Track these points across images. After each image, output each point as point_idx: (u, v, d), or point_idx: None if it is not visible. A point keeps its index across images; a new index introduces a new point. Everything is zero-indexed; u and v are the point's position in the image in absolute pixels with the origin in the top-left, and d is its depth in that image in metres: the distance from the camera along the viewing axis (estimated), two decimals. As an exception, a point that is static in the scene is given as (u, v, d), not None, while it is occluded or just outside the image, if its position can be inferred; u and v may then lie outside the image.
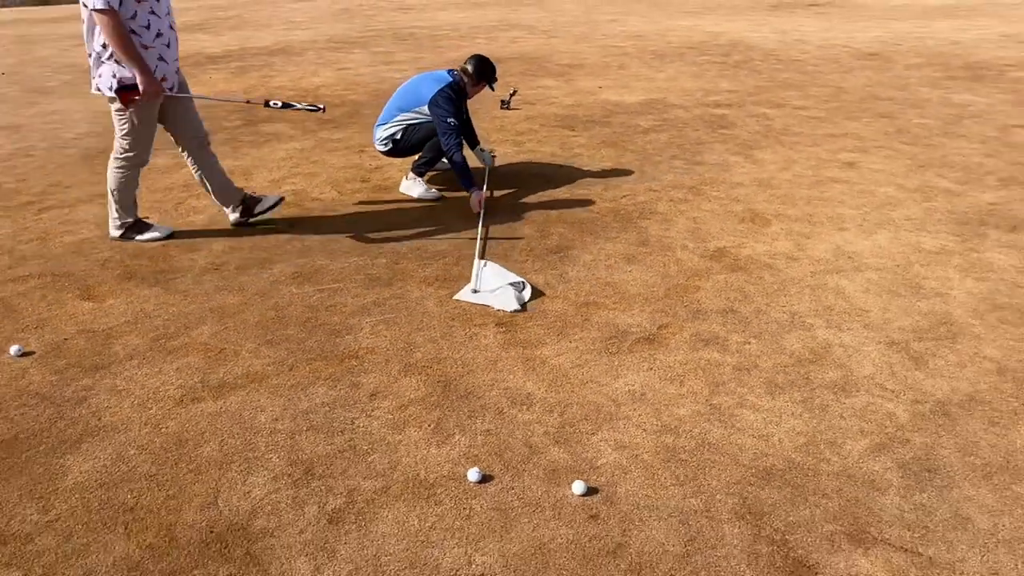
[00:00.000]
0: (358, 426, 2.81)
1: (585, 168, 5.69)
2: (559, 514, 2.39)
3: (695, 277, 3.94)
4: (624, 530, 2.33)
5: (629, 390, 3.01)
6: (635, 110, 7.44)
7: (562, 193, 5.17)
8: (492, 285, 3.77)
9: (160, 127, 4.20)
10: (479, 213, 4.59)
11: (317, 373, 3.13)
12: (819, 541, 2.28)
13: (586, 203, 4.98)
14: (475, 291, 3.74)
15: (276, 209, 4.63)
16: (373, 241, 4.39)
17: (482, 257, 3.97)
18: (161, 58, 3.93)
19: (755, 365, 3.18)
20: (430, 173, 5.26)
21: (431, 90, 4.80)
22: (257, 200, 4.57)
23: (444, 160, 4.93)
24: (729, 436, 2.75)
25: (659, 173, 5.55)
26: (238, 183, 5.40)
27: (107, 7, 3.61)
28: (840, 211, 4.80)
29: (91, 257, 4.22)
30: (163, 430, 2.78)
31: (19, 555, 2.23)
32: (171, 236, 4.43)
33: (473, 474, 2.53)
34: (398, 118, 4.94)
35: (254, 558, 2.22)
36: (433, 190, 5.11)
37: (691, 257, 4.16)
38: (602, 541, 2.29)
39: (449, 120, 4.66)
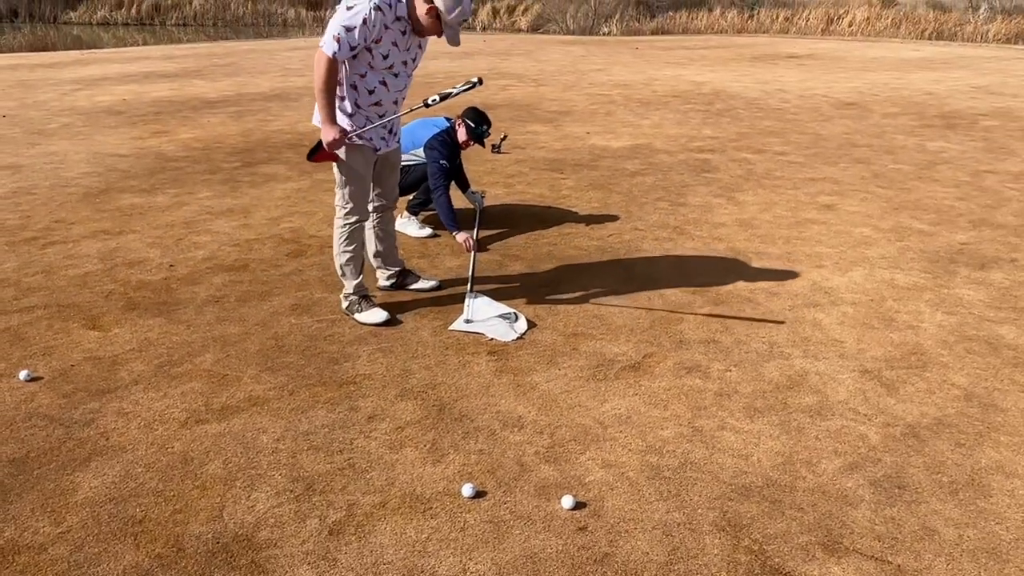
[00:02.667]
0: (357, 446, 2.93)
1: (573, 209, 5.90)
2: (549, 526, 2.51)
3: (678, 310, 4.11)
4: (611, 541, 2.45)
5: (615, 414, 3.16)
6: (622, 155, 7.71)
7: (551, 232, 5.36)
8: (484, 315, 3.93)
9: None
10: (470, 251, 4.72)
11: (317, 397, 3.26)
12: (794, 551, 2.41)
13: (574, 241, 5.17)
14: (468, 321, 3.90)
15: (428, 291, 4.37)
16: (368, 275, 4.54)
17: (472, 290, 4.13)
18: (368, 120, 3.71)
19: (735, 391, 3.33)
20: (424, 213, 5.46)
21: (428, 134, 5.02)
22: (416, 278, 4.40)
23: None
24: (710, 456, 2.89)
25: (644, 214, 5.77)
26: (237, 222, 5.59)
27: (330, 54, 3.43)
28: (818, 250, 5.01)
29: (95, 289, 4.36)
30: (169, 450, 2.90)
31: (33, 564, 2.33)
32: (388, 322, 3.96)
33: (467, 490, 2.66)
34: None
35: (259, 566, 2.33)
36: (427, 228, 5.32)
37: (674, 291, 4.34)
38: (590, 551, 2.41)
39: (441, 162, 4.83)
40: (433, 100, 3.72)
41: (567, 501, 2.60)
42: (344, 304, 4.05)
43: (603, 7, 26.28)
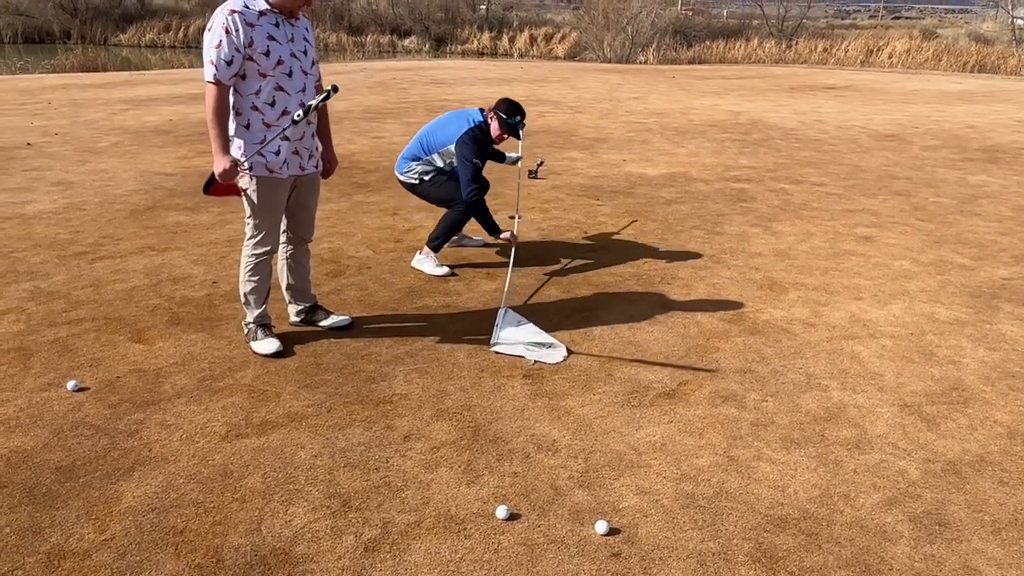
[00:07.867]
0: (392, 465, 2.97)
1: (609, 235, 5.93)
2: (583, 551, 2.52)
3: (714, 338, 4.10)
4: (645, 568, 2.45)
5: (650, 440, 3.16)
6: (658, 182, 7.73)
7: (587, 258, 5.39)
8: (513, 339, 3.96)
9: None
10: (513, 249, 4.68)
11: (354, 415, 3.31)
12: (832, 585, 2.39)
13: (610, 268, 5.19)
14: (495, 344, 3.93)
15: (340, 327, 4.18)
16: (406, 296, 4.61)
17: (505, 304, 4.16)
18: (286, 137, 3.58)
19: (772, 421, 3.31)
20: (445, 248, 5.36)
21: (460, 129, 4.83)
22: (326, 314, 4.21)
23: (455, 238, 5.15)
24: (746, 486, 2.87)
25: (680, 242, 5.77)
26: (279, 240, 5.68)
27: (212, 80, 3.36)
28: (856, 281, 4.97)
29: (141, 304, 4.47)
30: (210, 462, 2.96)
31: (77, 570, 2.39)
32: (277, 354, 3.85)
33: (501, 511, 2.67)
34: (424, 159, 4.95)
35: (295, 580, 2.36)
36: (445, 267, 5.04)
37: (710, 320, 4.34)
38: (624, 577, 2.41)
39: (473, 161, 4.69)
40: (298, 115, 3.50)
41: (601, 526, 2.60)
42: (244, 331, 3.98)
43: (640, 36, 26.44)
